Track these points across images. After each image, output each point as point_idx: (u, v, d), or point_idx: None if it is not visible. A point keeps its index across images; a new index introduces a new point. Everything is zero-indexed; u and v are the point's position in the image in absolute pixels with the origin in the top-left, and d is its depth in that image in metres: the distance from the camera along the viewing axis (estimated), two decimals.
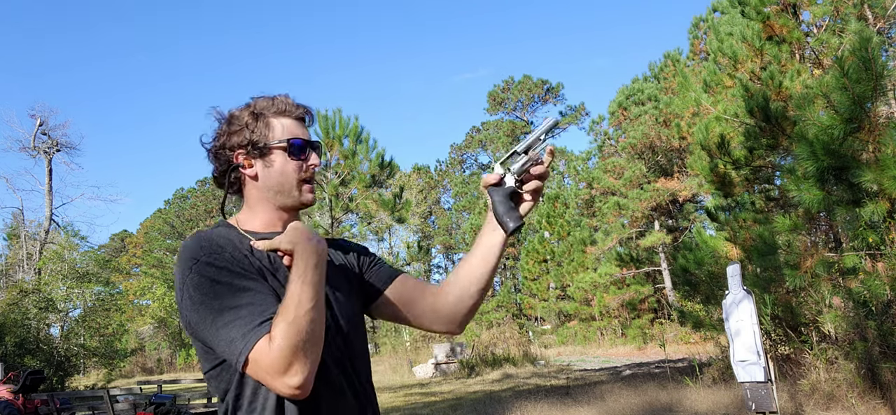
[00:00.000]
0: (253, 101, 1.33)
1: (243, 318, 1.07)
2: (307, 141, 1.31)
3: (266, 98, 1.33)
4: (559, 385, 11.31)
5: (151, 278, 42.29)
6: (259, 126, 1.28)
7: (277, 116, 1.30)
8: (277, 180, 1.28)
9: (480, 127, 48.11)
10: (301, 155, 1.30)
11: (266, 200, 1.30)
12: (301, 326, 1.05)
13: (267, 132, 1.28)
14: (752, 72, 8.40)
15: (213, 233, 1.20)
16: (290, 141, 1.28)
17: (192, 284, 1.11)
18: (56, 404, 9.27)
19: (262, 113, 1.29)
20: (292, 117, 1.32)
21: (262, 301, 1.10)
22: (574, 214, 29.29)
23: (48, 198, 26.06)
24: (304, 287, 1.09)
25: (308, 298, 1.08)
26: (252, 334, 1.05)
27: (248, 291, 1.10)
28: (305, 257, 1.13)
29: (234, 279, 1.11)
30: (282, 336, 1.04)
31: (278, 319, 1.06)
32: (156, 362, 37.68)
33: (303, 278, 1.10)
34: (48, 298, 20.58)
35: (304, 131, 1.33)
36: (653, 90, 22.25)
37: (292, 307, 1.06)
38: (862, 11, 8.21)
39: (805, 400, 6.42)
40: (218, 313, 1.08)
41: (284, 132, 1.29)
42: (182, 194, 53.55)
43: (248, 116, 1.29)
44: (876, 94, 5.31)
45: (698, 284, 9.05)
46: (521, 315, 33.03)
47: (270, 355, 1.03)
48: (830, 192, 5.85)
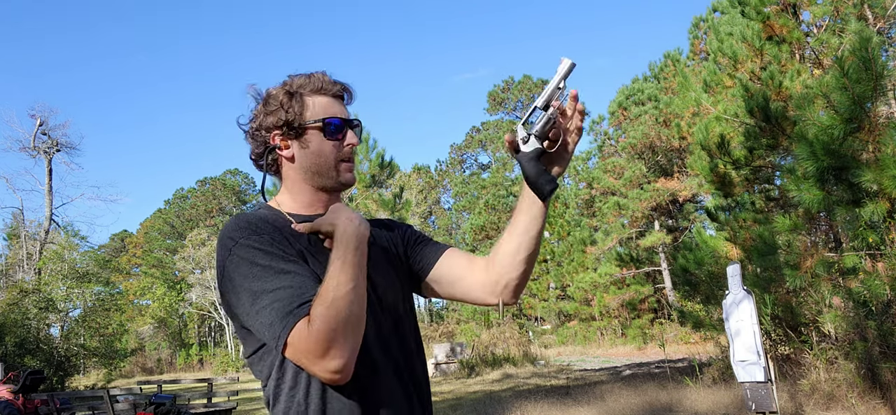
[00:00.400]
0: (289, 79, 1.29)
1: (282, 300, 1.05)
2: (344, 120, 1.28)
3: (302, 76, 1.29)
4: (559, 385, 11.31)
5: (151, 278, 42.33)
6: (294, 105, 1.25)
7: (313, 95, 1.27)
8: (314, 161, 1.26)
9: (480, 127, 48.10)
10: (338, 135, 1.26)
11: (304, 181, 1.28)
12: (339, 308, 1.03)
13: (302, 111, 1.25)
14: (752, 72, 8.40)
15: (253, 215, 1.19)
16: (326, 120, 1.25)
17: (232, 266, 1.10)
18: (56, 404, 9.26)
19: (297, 92, 1.26)
20: (329, 95, 1.29)
21: (302, 283, 1.07)
22: (574, 214, 29.29)
23: (48, 198, 26.06)
24: (344, 269, 1.07)
25: (347, 279, 1.07)
26: (291, 316, 1.04)
27: (288, 274, 1.08)
28: (345, 239, 1.12)
29: (273, 261, 1.09)
30: (320, 319, 1.02)
31: (317, 301, 1.04)
32: (156, 362, 37.67)
33: (343, 260, 1.09)
34: (48, 298, 20.58)
35: (342, 109, 1.29)
36: (653, 90, 22.24)
37: (331, 290, 1.05)
38: (862, 11, 8.21)
39: (805, 400, 6.42)
40: (257, 295, 1.06)
41: (320, 111, 1.26)
42: (182, 194, 53.52)
43: (283, 96, 1.26)
44: (876, 94, 5.31)
45: (698, 284, 9.05)
46: (521, 315, 33.03)
47: (309, 338, 1.02)
48: (830, 192, 5.85)
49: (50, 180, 26.20)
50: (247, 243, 1.11)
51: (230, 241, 1.12)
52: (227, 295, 1.12)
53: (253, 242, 1.11)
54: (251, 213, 1.20)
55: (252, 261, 1.09)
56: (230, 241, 1.12)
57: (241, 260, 1.10)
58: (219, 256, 1.14)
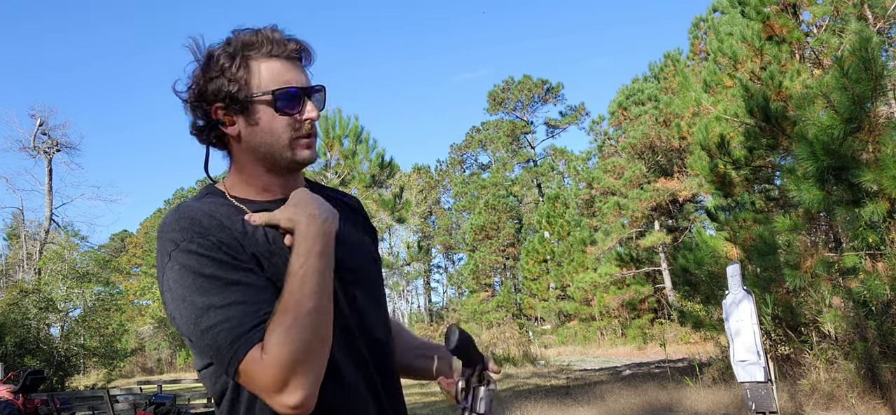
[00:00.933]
0: (233, 35, 1.05)
1: (232, 319, 0.88)
2: (301, 89, 1.04)
3: (248, 33, 1.04)
4: (559, 385, 11.31)
5: (151, 278, 42.30)
6: (238, 72, 1.01)
7: (262, 59, 1.03)
8: (264, 140, 1.03)
9: (480, 127, 48.10)
10: (293, 108, 1.03)
11: (255, 162, 1.05)
12: (299, 333, 0.88)
13: (248, 80, 1.01)
14: (752, 72, 8.40)
15: (197, 208, 0.98)
16: (277, 93, 1.01)
17: (173, 276, 0.92)
18: (56, 404, 9.26)
19: (242, 54, 1.02)
20: (282, 58, 1.04)
21: (256, 298, 0.90)
22: (574, 214, 29.30)
23: (48, 198, 26.06)
24: (306, 280, 0.91)
25: (310, 293, 0.90)
26: (242, 341, 0.87)
27: (238, 287, 0.90)
28: (308, 240, 0.94)
29: (220, 270, 0.91)
30: (276, 347, 0.86)
31: (273, 324, 0.88)
32: (156, 362, 37.68)
33: (304, 269, 0.92)
34: (48, 298, 20.58)
35: (298, 75, 1.05)
36: (653, 90, 22.25)
37: (290, 309, 0.89)
38: (862, 11, 8.21)
39: (805, 400, 6.41)
40: (202, 311, 0.89)
41: (270, 80, 1.02)
42: (182, 194, 53.52)
43: (224, 59, 1.02)
44: (876, 95, 5.32)
45: (698, 284, 9.06)
46: (521, 315, 33.03)
47: (264, 370, 0.86)
48: (830, 192, 5.85)
49: (50, 180, 26.20)
50: (189, 248, 0.92)
51: (170, 244, 0.93)
52: (168, 306, 0.94)
53: (197, 245, 0.92)
54: (194, 204, 1.00)
55: (196, 270, 0.91)
56: (170, 244, 0.93)
57: (182, 268, 0.91)
58: (158, 259, 0.95)
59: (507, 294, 34.01)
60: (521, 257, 32.45)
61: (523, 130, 44.30)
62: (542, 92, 43.83)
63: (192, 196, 1.09)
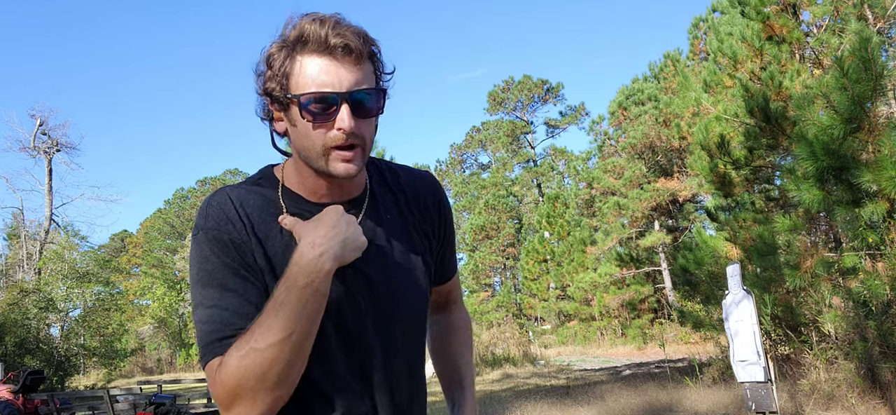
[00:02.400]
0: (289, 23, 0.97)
1: (210, 323, 0.91)
2: (330, 95, 0.92)
3: (306, 19, 0.95)
4: (559, 385, 11.31)
5: (151, 278, 42.33)
6: (283, 68, 0.95)
7: (306, 54, 0.94)
8: (302, 144, 0.97)
9: (480, 127, 48.11)
10: (324, 114, 0.93)
11: (303, 161, 1.00)
12: (255, 362, 0.85)
13: (289, 78, 0.95)
14: (752, 72, 8.40)
15: (233, 196, 0.98)
16: (302, 98, 0.93)
17: (191, 255, 0.97)
18: (56, 404, 9.26)
19: (289, 45, 0.95)
20: (326, 55, 0.93)
21: (239, 309, 0.91)
22: (574, 214, 29.30)
23: (48, 198, 26.06)
24: (280, 313, 0.87)
25: (280, 327, 0.86)
26: (210, 349, 0.90)
27: (228, 293, 0.92)
28: (294, 272, 0.89)
29: (221, 272, 0.93)
30: (229, 369, 0.86)
31: (235, 344, 0.88)
32: (156, 362, 37.68)
33: (282, 301, 0.87)
34: (48, 298, 20.59)
35: (343, 74, 0.93)
36: (653, 90, 22.25)
37: (254, 335, 0.86)
38: (862, 11, 8.21)
39: (805, 400, 6.41)
40: (197, 304, 0.94)
41: (304, 82, 0.93)
42: (182, 194, 53.55)
43: (275, 51, 0.96)
44: (876, 95, 5.32)
45: (698, 284, 9.06)
46: (521, 315, 33.04)
47: (215, 383, 0.88)
48: (830, 192, 5.85)
49: (50, 180, 26.20)
50: (206, 238, 0.94)
51: (196, 227, 0.97)
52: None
53: (212, 237, 0.94)
54: (237, 189, 1.00)
55: (204, 260, 0.94)
56: (196, 227, 0.97)
57: (197, 254, 0.95)
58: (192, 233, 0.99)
59: (507, 294, 34.02)
60: (521, 257, 32.45)
61: (523, 130, 44.29)
62: (542, 92, 43.82)
63: (248, 177, 1.06)
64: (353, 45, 0.93)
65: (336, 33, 0.93)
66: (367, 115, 0.97)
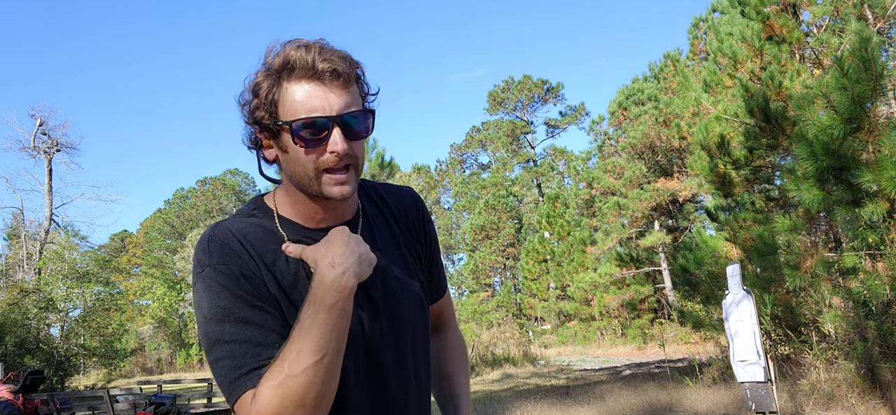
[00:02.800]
0: (271, 53, 0.98)
1: (234, 358, 0.89)
2: (320, 119, 0.94)
3: (288, 48, 0.96)
4: (559, 385, 11.31)
5: (151, 278, 42.34)
6: (270, 95, 0.96)
7: (293, 80, 0.95)
8: (294, 170, 0.98)
9: (480, 127, 48.12)
10: (316, 139, 0.95)
11: (296, 188, 1.01)
12: (292, 389, 0.85)
13: (277, 105, 0.96)
14: (752, 72, 8.40)
15: (233, 230, 0.98)
16: (294, 124, 0.94)
17: (197, 294, 0.94)
18: (56, 404, 9.26)
19: (274, 72, 0.96)
20: (314, 80, 0.95)
21: (262, 339, 0.90)
22: (574, 214, 29.31)
23: (48, 198, 26.06)
24: (309, 335, 0.87)
25: (311, 350, 0.86)
26: (238, 383, 0.88)
27: (248, 325, 0.91)
28: (319, 293, 0.89)
29: (235, 305, 0.91)
30: (265, 400, 0.85)
31: (268, 375, 0.87)
32: (156, 362, 37.68)
33: (311, 322, 0.88)
34: (48, 298, 20.59)
35: (324, 101, 0.94)
36: (653, 90, 22.25)
37: (287, 362, 0.86)
38: (862, 11, 8.21)
39: (805, 400, 6.41)
40: (213, 342, 0.91)
41: (293, 108, 0.94)
42: (182, 194, 53.55)
43: (262, 79, 0.97)
44: (875, 95, 5.32)
45: (698, 284, 9.06)
46: (521, 315, 33.04)
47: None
48: (830, 192, 5.85)
49: (50, 180, 26.20)
50: (214, 274, 0.93)
51: (200, 264, 0.94)
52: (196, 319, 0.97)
53: (220, 272, 0.92)
54: (233, 223, 1.00)
55: (215, 298, 0.92)
56: (200, 264, 0.94)
57: (204, 293, 0.92)
58: (192, 272, 0.97)
59: (507, 294, 34.02)
60: (521, 257, 32.46)
61: (523, 130, 44.29)
62: (542, 92, 43.83)
63: (239, 210, 1.05)
64: (340, 69, 0.95)
65: (323, 58, 0.94)
66: (358, 136, 0.98)
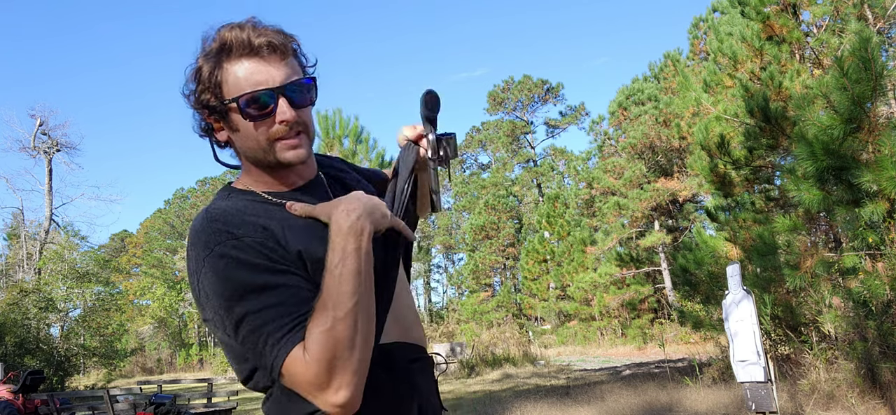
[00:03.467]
0: (208, 36, 1.01)
1: (272, 322, 0.87)
2: (266, 92, 0.97)
3: (222, 30, 0.99)
4: (559, 385, 11.31)
5: (151, 278, 42.35)
6: (213, 78, 0.98)
7: (233, 60, 0.98)
8: (247, 146, 1.01)
9: (480, 127, 48.12)
10: (264, 111, 0.97)
11: (253, 163, 1.04)
12: (339, 333, 0.86)
13: (221, 86, 0.98)
14: (752, 72, 8.40)
15: (228, 208, 0.97)
16: (240, 100, 0.96)
17: (207, 282, 0.90)
18: (56, 404, 9.26)
19: (215, 57, 0.98)
20: (253, 56, 0.97)
21: (294, 298, 0.89)
22: (574, 214, 29.31)
23: (48, 198, 26.05)
24: (343, 280, 0.88)
25: (348, 291, 0.88)
26: (283, 343, 0.87)
27: (276, 289, 0.89)
28: (342, 239, 0.91)
29: (257, 275, 0.89)
30: (317, 347, 0.85)
31: (313, 324, 0.87)
32: (156, 362, 37.68)
33: (341, 267, 0.89)
34: (48, 298, 20.59)
35: (274, 71, 0.98)
36: (653, 90, 22.26)
37: (329, 309, 0.87)
38: (862, 11, 8.21)
39: (805, 400, 6.41)
40: (240, 319, 0.88)
41: (237, 85, 0.97)
42: (182, 194, 53.55)
43: (203, 63, 0.99)
44: (875, 95, 5.31)
45: (698, 284, 9.05)
46: (521, 315, 33.04)
47: (307, 369, 0.86)
48: (830, 192, 5.85)
49: (50, 180, 26.20)
50: (224, 252, 0.90)
51: (203, 249, 0.91)
52: (205, 312, 0.93)
53: (230, 248, 0.90)
54: (223, 205, 0.98)
55: (230, 276, 0.89)
56: (203, 249, 0.91)
57: (217, 275, 0.89)
58: (190, 266, 0.93)
59: (507, 294, 34.02)
60: (521, 257, 32.45)
61: (523, 130, 44.29)
62: (542, 92, 43.83)
63: (215, 197, 1.06)
64: (276, 42, 0.98)
65: (258, 34, 0.98)
66: (303, 104, 1.01)
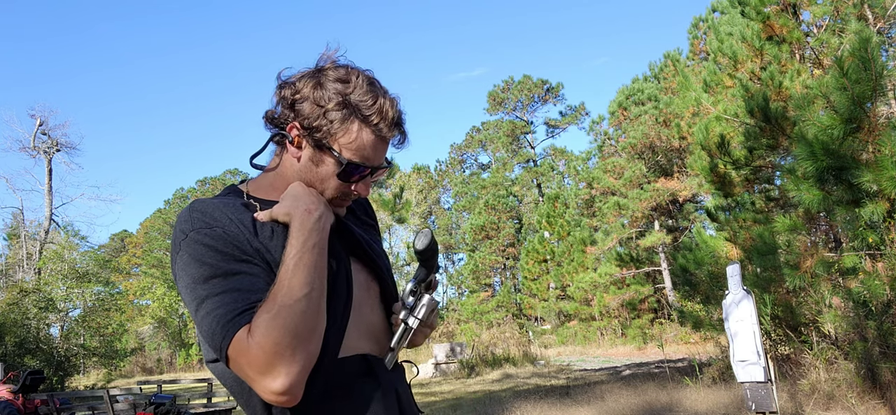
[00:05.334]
0: (353, 79, 1.04)
1: (226, 305, 0.91)
2: (369, 170, 1.06)
3: (369, 90, 1.04)
4: (559, 385, 11.31)
5: (151, 278, 42.33)
6: (335, 121, 1.02)
7: (363, 124, 1.03)
8: (313, 184, 1.07)
9: (480, 127, 48.12)
10: (352, 178, 1.07)
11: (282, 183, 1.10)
12: (286, 319, 0.89)
13: (338, 131, 1.02)
14: (752, 72, 8.40)
15: (209, 202, 1.01)
16: (349, 166, 1.04)
17: (180, 264, 0.96)
18: (56, 404, 9.26)
19: (351, 105, 1.02)
20: (379, 136, 1.05)
21: (251, 286, 0.94)
22: (574, 214, 29.30)
23: (48, 198, 26.05)
24: (297, 271, 0.94)
25: (300, 283, 0.93)
26: (231, 324, 0.90)
27: (236, 275, 0.94)
28: (302, 234, 0.97)
29: (221, 261, 0.94)
30: (262, 330, 0.88)
31: (261, 309, 0.90)
32: (156, 362, 37.68)
33: (297, 260, 0.94)
34: (48, 298, 20.60)
35: (380, 154, 1.07)
36: (653, 90, 22.26)
37: (279, 296, 0.91)
38: (862, 11, 8.21)
39: (805, 400, 6.41)
40: (202, 299, 0.93)
41: (354, 149, 1.03)
42: (182, 194, 53.53)
43: (334, 99, 1.02)
44: (875, 95, 5.31)
45: (698, 284, 9.05)
46: (521, 315, 33.03)
47: (249, 351, 0.88)
48: (830, 192, 5.85)
49: (50, 180, 26.20)
50: (196, 239, 0.95)
51: (181, 234, 0.97)
52: (181, 293, 0.98)
53: (203, 236, 0.95)
54: (208, 199, 1.03)
55: (200, 259, 0.94)
56: (181, 234, 0.97)
57: (189, 257, 0.95)
58: (172, 250, 0.99)
59: (507, 294, 34.02)
60: (521, 257, 32.44)
61: (523, 130, 44.28)
62: (542, 92, 43.82)
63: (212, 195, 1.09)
64: (398, 136, 1.09)
65: (394, 123, 1.06)
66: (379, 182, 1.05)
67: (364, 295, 1.13)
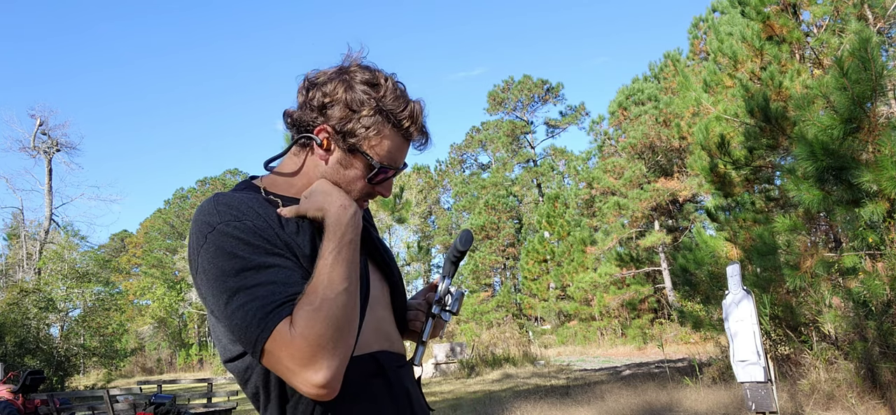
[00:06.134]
0: (381, 84, 1.06)
1: (262, 298, 0.89)
2: (395, 171, 1.10)
3: (398, 96, 1.07)
4: (559, 385, 11.31)
5: (151, 278, 42.35)
6: (368, 125, 1.05)
7: (393, 128, 1.07)
8: (339, 181, 1.08)
9: (480, 127, 48.11)
10: (378, 179, 1.10)
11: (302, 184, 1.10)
12: (329, 311, 0.89)
13: (369, 135, 1.05)
14: (752, 72, 8.40)
15: (235, 196, 0.99)
16: (381, 167, 1.07)
17: (207, 257, 0.93)
18: (56, 404, 9.26)
19: (385, 111, 1.05)
20: (405, 140, 1.10)
21: (287, 278, 0.92)
22: (574, 214, 29.30)
23: (48, 198, 26.05)
24: (337, 265, 0.93)
25: (340, 277, 0.92)
26: (271, 317, 0.88)
27: (271, 268, 0.92)
28: (339, 229, 0.97)
29: (254, 253, 0.92)
30: (305, 322, 0.87)
31: (303, 301, 0.89)
32: (156, 362, 37.67)
33: (336, 254, 0.94)
34: (48, 298, 20.60)
35: (404, 155, 1.12)
36: (653, 90, 22.25)
37: (320, 289, 0.90)
38: (862, 11, 8.21)
39: (805, 400, 6.41)
40: (233, 292, 0.90)
41: (384, 152, 1.07)
42: (182, 194, 53.54)
43: (367, 104, 1.04)
44: (875, 95, 5.31)
45: (698, 284, 9.05)
46: (521, 315, 33.03)
47: (292, 343, 0.87)
48: (830, 192, 5.85)
49: (50, 180, 26.20)
50: (225, 231, 0.93)
51: (206, 226, 0.94)
52: (201, 288, 0.95)
53: (233, 228, 0.93)
54: (232, 193, 1.01)
55: (230, 251, 0.91)
56: (206, 226, 0.94)
57: (217, 250, 0.92)
58: (192, 242, 0.96)
59: (507, 294, 34.01)
60: (521, 257, 32.44)
61: (523, 130, 44.28)
62: (542, 92, 43.82)
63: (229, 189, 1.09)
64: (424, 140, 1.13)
65: (422, 127, 1.11)
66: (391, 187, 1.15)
67: (378, 294, 1.14)
